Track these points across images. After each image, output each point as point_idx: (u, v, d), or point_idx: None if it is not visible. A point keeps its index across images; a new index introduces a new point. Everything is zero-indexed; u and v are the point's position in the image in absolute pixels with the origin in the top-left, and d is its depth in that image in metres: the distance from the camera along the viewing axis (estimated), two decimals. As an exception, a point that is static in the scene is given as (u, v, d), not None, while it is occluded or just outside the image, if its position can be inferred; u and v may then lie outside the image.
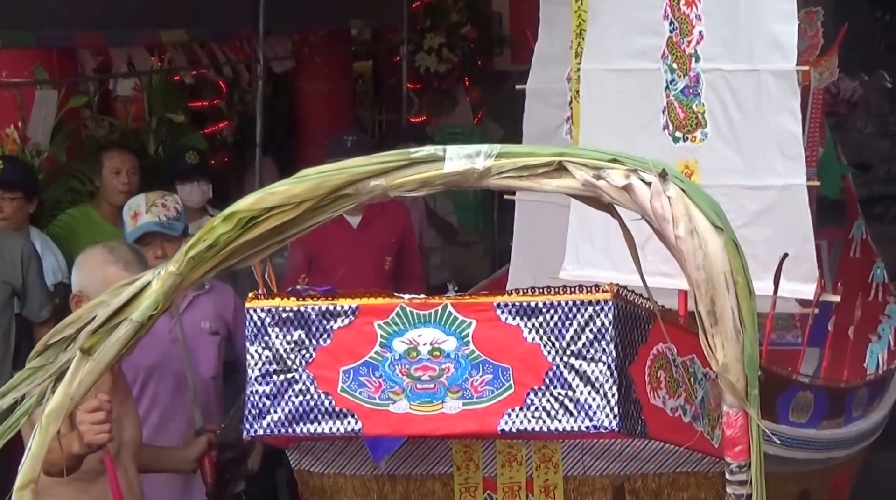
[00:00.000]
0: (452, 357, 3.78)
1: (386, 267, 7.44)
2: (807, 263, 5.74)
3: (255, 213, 3.08)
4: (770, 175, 5.79)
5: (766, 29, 5.73)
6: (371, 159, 3.06)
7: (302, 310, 3.89)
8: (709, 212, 2.94)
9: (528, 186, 3.00)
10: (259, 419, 3.93)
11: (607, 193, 2.95)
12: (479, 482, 4.72)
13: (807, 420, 5.38)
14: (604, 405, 3.74)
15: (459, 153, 3.01)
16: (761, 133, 5.81)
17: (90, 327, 3.21)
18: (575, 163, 2.96)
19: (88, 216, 7.47)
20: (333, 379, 3.84)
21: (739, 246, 2.95)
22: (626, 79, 5.94)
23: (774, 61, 5.73)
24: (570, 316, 3.76)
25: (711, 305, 2.93)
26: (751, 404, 2.98)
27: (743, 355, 2.95)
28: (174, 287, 3.14)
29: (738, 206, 5.78)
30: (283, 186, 3.07)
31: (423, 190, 3.05)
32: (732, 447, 2.97)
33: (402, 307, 3.83)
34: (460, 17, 12.63)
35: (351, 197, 3.07)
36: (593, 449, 4.63)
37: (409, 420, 3.81)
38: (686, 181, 2.96)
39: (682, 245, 2.92)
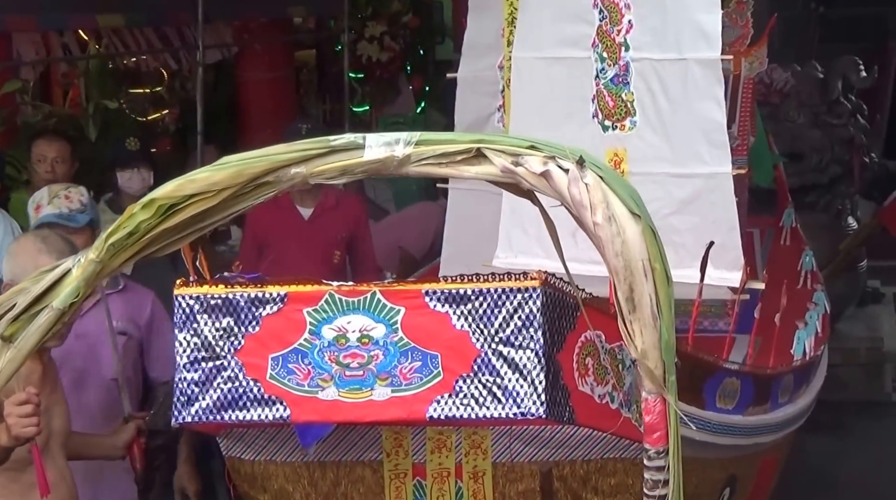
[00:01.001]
0: (381, 344, 3.79)
1: (335, 261, 7.41)
2: (732, 251, 5.80)
3: (175, 200, 3.07)
4: (696, 163, 5.84)
5: (691, 18, 5.77)
6: (291, 147, 3.07)
7: (230, 297, 3.88)
8: (626, 199, 2.96)
9: (447, 173, 3.02)
10: (187, 406, 3.93)
11: (526, 180, 2.97)
12: (409, 468, 4.75)
13: (733, 407, 5.42)
14: (531, 392, 3.75)
15: (379, 141, 3.03)
16: (688, 122, 5.86)
17: (10, 314, 3.20)
18: (493, 150, 2.97)
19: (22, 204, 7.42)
20: (262, 366, 3.84)
21: (657, 233, 2.97)
22: (556, 67, 5.96)
23: (700, 50, 5.77)
24: (498, 303, 3.77)
25: (630, 291, 2.96)
26: (668, 390, 3.01)
27: (660, 341, 2.98)
28: (95, 274, 3.14)
29: (665, 194, 5.84)
30: (203, 173, 3.07)
31: (344, 178, 3.06)
32: (651, 434, 3.00)
33: (331, 294, 3.83)
34: (402, 5, 12.61)
35: (272, 185, 3.08)
36: (522, 435, 4.66)
37: (337, 407, 3.82)
38: (604, 168, 2.99)
39: (600, 232, 2.94)
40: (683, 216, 5.85)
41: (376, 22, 12.46)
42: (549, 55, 5.96)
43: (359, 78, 12.52)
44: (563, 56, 5.94)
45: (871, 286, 12.01)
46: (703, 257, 5.45)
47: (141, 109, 10.86)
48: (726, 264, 5.74)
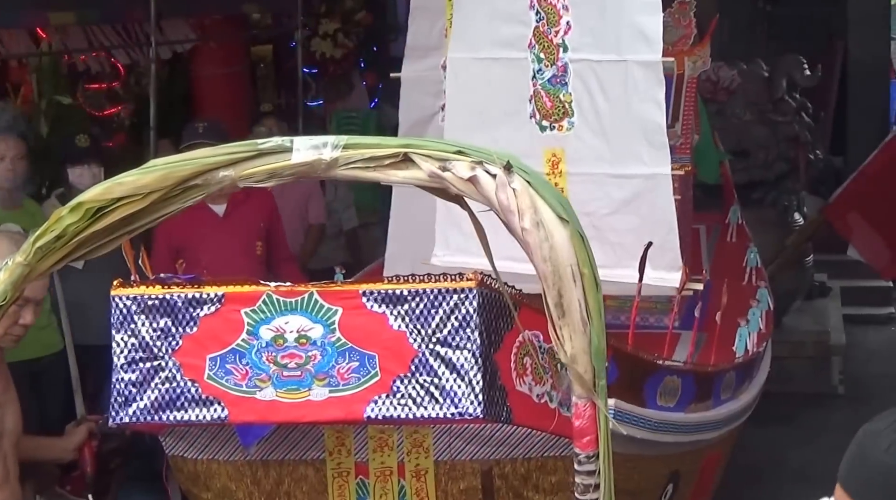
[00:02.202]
0: (319, 345, 3.80)
1: (258, 252, 7.45)
2: (671, 252, 5.85)
3: (103, 203, 3.06)
4: (636, 164, 5.88)
5: (631, 20, 5.80)
6: (219, 150, 3.07)
7: (168, 298, 3.89)
8: (554, 204, 2.97)
9: (375, 177, 3.02)
10: (125, 407, 3.93)
11: (454, 185, 2.97)
12: (352, 467, 4.76)
13: (675, 404, 5.46)
14: (468, 392, 3.78)
15: (307, 144, 3.03)
16: (628, 123, 5.89)
17: (-62, 316, 3.19)
18: (421, 155, 2.98)
19: None
20: (200, 367, 3.84)
21: (585, 238, 2.98)
22: (493, 68, 5.98)
23: (641, 52, 5.81)
24: (435, 304, 3.80)
25: (559, 297, 2.96)
26: (599, 395, 3.02)
27: (590, 346, 2.99)
28: (22, 278, 3.13)
29: (604, 194, 5.88)
30: (130, 176, 3.06)
31: (272, 181, 3.06)
32: (581, 438, 3.01)
33: (269, 295, 3.84)
34: (355, 3, 12.62)
35: (200, 188, 3.07)
36: (463, 434, 4.68)
37: (275, 408, 3.83)
38: (531, 173, 3.00)
39: (528, 237, 2.95)
40: (622, 216, 5.89)
41: (330, 19, 12.46)
42: (485, 56, 5.98)
43: (313, 74, 12.51)
44: (499, 57, 5.96)
45: (818, 280, 12.14)
46: (641, 256, 5.49)
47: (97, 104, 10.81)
48: (665, 265, 5.78)
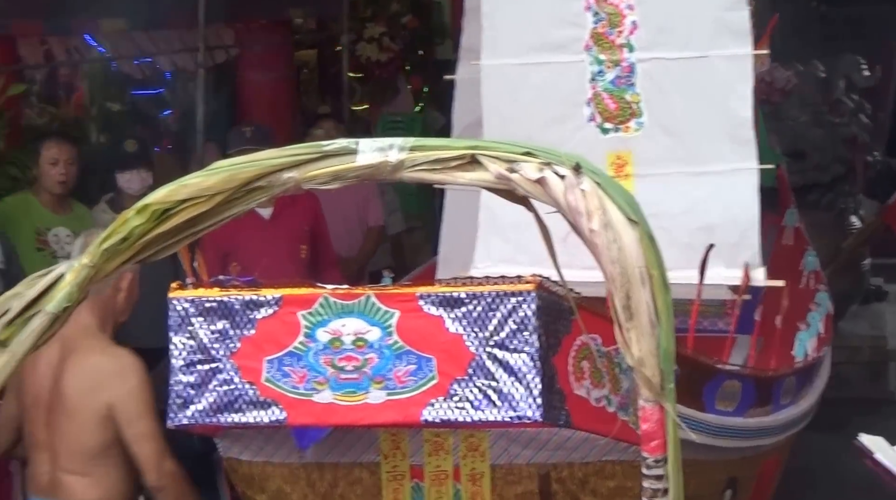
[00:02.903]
0: (376, 347, 3.79)
1: (302, 256, 7.45)
2: (750, 249, 5.82)
3: (168, 205, 3.06)
4: (716, 161, 5.86)
5: (715, 15, 5.79)
6: (283, 152, 3.05)
7: (225, 300, 3.89)
8: (623, 205, 2.94)
9: (441, 179, 3.00)
10: (183, 409, 3.93)
11: (521, 187, 2.95)
12: (407, 470, 4.75)
13: (734, 409, 5.41)
14: (526, 396, 3.76)
15: (372, 146, 3.00)
16: (709, 119, 5.86)
17: (5, 318, 3.19)
18: (488, 156, 2.95)
19: (28, 204, 7.45)
20: (257, 369, 3.84)
21: (654, 240, 2.95)
22: (535, 73, 5.91)
23: (727, 47, 5.80)
24: (493, 307, 3.78)
25: (626, 299, 2.93)
26: (667, 398, 2.98)
27: (658, 349, 2.96)
28: (88, 279, 3.12)
29: (678, 193, 5.83)
30: (195, 178, 3.05)
31: (336, 183, 3.03)
32: (648, 442, 2.97)
33: (326, 298, 3.84)
34: (401, 6, 12.60)
35: (264, 190, 3.06)
36: (520, 438, 4.65)
37: (332, 410, 3.82)
38: (601, 174, 2.96)
39: (596, 239, 2.92)
40: (696, 215, 5.84)
41: (375, 23, 12.46)
42: (526, 61, 5.91)
43: (358, 78, 12.51)
44: (547, 61, 5.89)
45: (875, 284, 11.99)
46: (702, 259, 5.45)
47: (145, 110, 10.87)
48: (742, 263, 5.75)
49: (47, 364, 4.95)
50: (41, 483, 5.03)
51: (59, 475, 4.97)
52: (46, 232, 7.25)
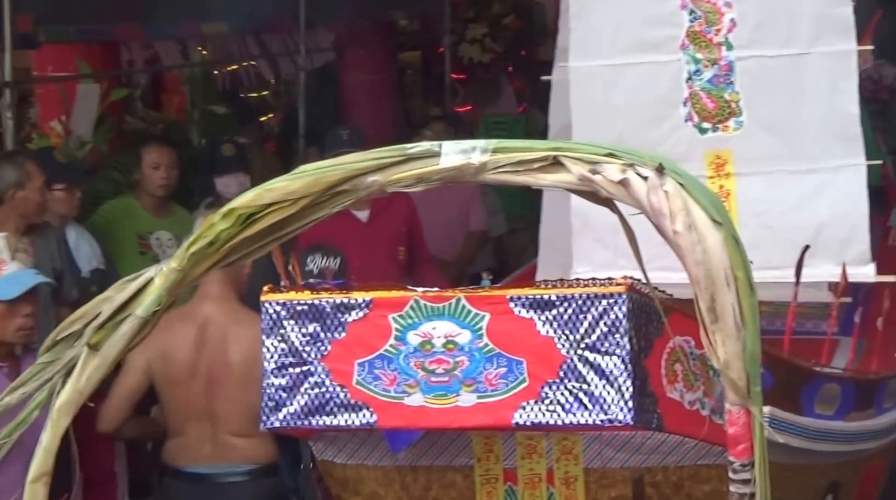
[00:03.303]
0: (466, 350, 3.79)
1: (399, 257, 7.47)
2: (859, 245, 5.76)
3: (254, 209, 3.08)
4: (823, 157, 5.80)
5: (818, 11, 5.75)
6: (367, 155, 3.06)
7: (317, 303, 3.92)
8: (707, 206, 2.90)
9: (524, 181, 2.99)
10: (275, 412, 3.97)
11: (604, 188, 2.92)
12: (500, 473, 4.73)
13: (834, 412, 5.32)
14: (618, 399, 3.74)
15: (455, 148, 3.00)
16: (813, 117, 5.82)
17: (96, 322, 3.24)
18: (571, 157, 2.94)
19: (129, 207, 7.54)
20: (348, 372, 3.86)
21: (740, 241, 2.91)
22: (631, 73, 5.85)
23: (831, 43, 5.76)
24: (584, 309, 3.76)
25: (711, 301, 2.90)
26: (753, 401, 2.94)
27: (744, 351, 2.92)
28: (176, 283, 3.16)
29: (783, 191, 5.80)
30: (280, 182, 3.07)
31: (420, 186, 3.04)
32: (735, 446, 2.94)
33: (416, 300, 3.84)
34: (503, 7, 12.58)
35: (349, 193, 3.07)
36: (613, 441, 4.61)
37: (423, 413, 3.83)
38: (684, 176, 2.93)
39: (680, 240, 2.89)
40: (804, 213, 5.80)
41: (478, 24, 12.45)
42: (618, 62, 5.86)
43: (461, 79, 12.52)
44: (640, 61, 5.84)
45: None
46: (798, 260, 5.38)
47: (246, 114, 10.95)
48: (851, 260, 5.69)
49: (194, 341, 5.40)
50: (202, 451, 5.44)
51: (227, 440, 5.40)
52: (148, 236, 7.34)
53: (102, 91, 8.05)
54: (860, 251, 5.77)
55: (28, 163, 6.49)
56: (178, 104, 9.11)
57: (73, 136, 7.82)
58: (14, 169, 6.40)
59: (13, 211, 6.41)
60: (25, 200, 6.40)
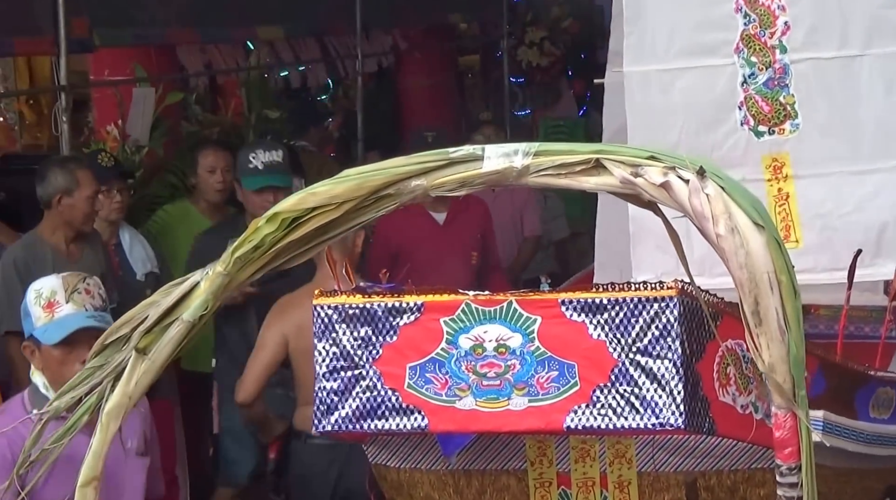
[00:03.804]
0: (518, 354, 3.78)
1: (473, 262, 7.49)
2: None
3: (298, 213, 3.11)
4: (881, 158, 5.82)
5: (872, 13, 5.76)
6: (410, 160, 3.08)
7: (368, 307, 3.91)
8: (749, 210, 2.90)
9: (566, 184, 2.99)
10: (327, 415, 3.97)
11: (646, 191, 2.93)
12: (553, 477, 4.72)
13: (889, 416, 5.27)
14: (670, 403, 3.71)
15: (498, 152, 3.01)
16: (869, 118, 5.83)
17: (143, 327, 3.26)
18: (613, 160, 2.94)
19: (186, 211, 7.59)
20: (400, 376, 3.86)
21: (783, 244, 2.91)
22: (686, 77, 5.83)
23: (885, 45, 5.79)
24: (635, 313, 3.74)
25: (755, 304, 2.89)
26: (799, 405, 2.93)
27: (789, 355, 2.91)
28: (222, 287, 3.19)
29: (844, 193, 5.82)
30: (324, 186, 3.10)
31: (463, 189, 3.05)
32: (782, 449, 2.93)
33: (468, 304, 3.83)
34: (561, 10, 12.59)
35: (392, 197, 3.09)
36: (666, 445, 4.59)
37: (475, 417, 3.82)
38: (725, 178, 2.93)
39: (723, 243, 2.89)
40: (868, 214, 5.83)
41: (536, 27, 12.47)
42: (672, 66, 5.83)
43: (520, 82, 12.53)
44: (696, 65, 5.81)
45: None
46: (850, 264, 5.35)
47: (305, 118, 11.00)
48: None
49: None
50: None
51: None
52: None
53: (158, 95, 8.09)
54: None
55: (80, 170, 6.49)
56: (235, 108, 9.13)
57: (130, 139, 7.88)
58: (64, 175, 6.41)
59: (60, 217, 6.44)
60: (72, 208, 6.42)
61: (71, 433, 3.38)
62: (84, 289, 4.57)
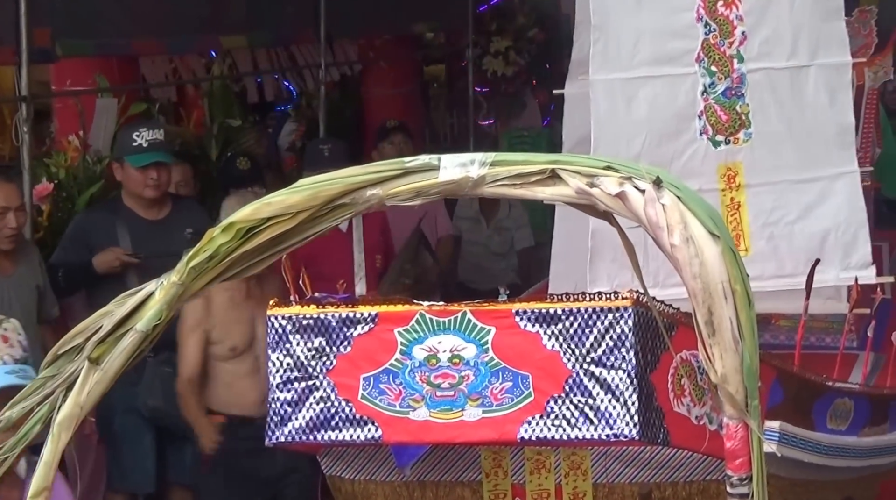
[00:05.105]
0: (472, 364, 3.78)
1: (377, 265, 7.52)
2: (862, 248, 5.90)
3: (253, 223, 3.08)
4: (823, 166, 5.93)
5: (815, 25, 5.87)
6: (366, 169, 3.07)
7: (322, 317, 3.91)
8: (705, 219, 2.89)
9: (521, 194, 2.98)
10: (281, 426, 3.96)
11: (601, 201, 2.91)
12: (508, 488, 4.72)
13: (846, 427, 5.28)
14: (624, 413, 3.72)
15: (454, 162, 3.00)
16: (814, 127, 5.92)
17: (97, 337, 3.23)
18: (568, 171, 2.93)
19: None
20: (354, 386, 3.85)
21: (738, 254, 2.90)
22: (649, 87, 5.84)
23: (829, 56, 5.89)
24: (589, 323, 3.74)
25: (709, 314, 2.88)
26: (751, 415, 2.92)
27: (742, 365, 2.90)
28: (177, 297, 3.16)
29: (789, 200, 5.90)
30: (279, 196, 3.07)
31: (419, 199, 3.04)
32: (733, 460, 2.92)
33: (422, 314, 3.83)
34: (527, 19, 12.55)
35: (348, 207, 3.08)
36: (622, 456, 4.60)
37: (428, 428, 3.82)
38: (682, 188, 2.92)
39: (677, 253, 2.87)
40: (809, 221, 5.92)
41: (502, 37, 12.42)
42: (636, 75, 5.84)
43: (485, 92, 12.51)
44: (660, 74, 5.83)
45: None
46: (808, 273, 5.37)
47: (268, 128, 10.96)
48: (855, 264, 5.86)
49: None
50: None
51: None
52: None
53: (121, 105, 8.04)
54: (864, 254, 5.92)
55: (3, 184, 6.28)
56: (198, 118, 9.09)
57: (91, 150, 7.81)
58: None
59: None
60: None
61: (22, 442, 3.34)
62: (1, 336, 4.06)
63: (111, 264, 6.49)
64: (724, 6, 5.78)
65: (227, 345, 6.12)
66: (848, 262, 5.88)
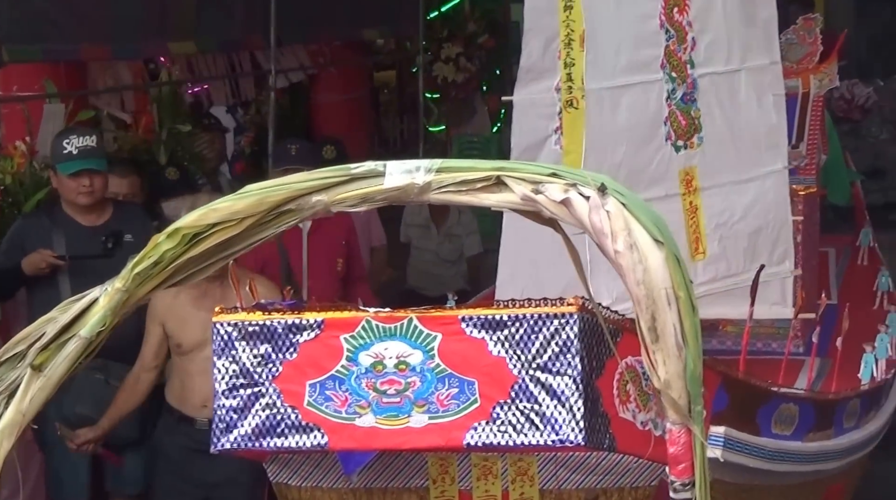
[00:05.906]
0: (418, 371, 3.77)
1: (339, 269, 7.48)
2: (783, 244, 6.16)
3: (198, 229, 3.08)
4: (757, 166, 6.13)
5: (745, 30, 6.06)
6: (312, 175, 3.06)
7: (268, 324, 3.89)
8: (649, 226, 2.90)
9: (467, 200, 2.99)
10: (226, 433, 3.93)
11: (546, 208, 2.92)
12: (455, 495, 4.72)
13: (791, 433, 5.32)
14: (569, 419, 3.72)
15: (400, 168, 3.00)
16: (748, 128, 6.12)
17: (40, 343, 3.22)
18: (513, 177, 2.94)
19: None
20: (300, 393, 3.84)
21: (681, 260, 2.91)
22: (625, 95, 5.80)
23: (756, 59, 6.12)
24: (535, 329, 3.75)
25: (652, 320, 2.89)
26: (694, 421, 2.94)
27: (685, 371, 2.91)
28: (121, 303, 3.15)
29: (733, 202, 6.05)
30: (225, 202, 3.07)
31: (364, 205, 3.04)
32: (676, 465, 2.94)
33: (368, 321, 3.82)
34: (477, 27, 12.60)
35: (294, 213, 3.08)
36: (569, 462, 4.61)
37: (375, 434, 3.81)
38: (627, 195, 2.93)
39: (621, 260, 2.89)
40: (749, 221, 6.07)
41: (452, 43, 12.47)
42: (618, 83, 5.82)
43: (435, 98, 12.53)
44: (635, 82, 5.81)
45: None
46: (753, 280, 5.41)
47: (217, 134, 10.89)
48: (777, 259, 6.06)
49: None
50: None
51: None
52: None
53: (69, 111, 7.98)
54: (785, 250, 6.16)
55: None
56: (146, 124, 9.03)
57: (38, 156, 7.76)
58: None
59: None
60: None
61: (-35, 450, 3.32)
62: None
63: (38, 266, 6.43)
64: (678, 12, 5.85)
65: (175, 341, 6.12)
66: (775, 259, 6.08)
